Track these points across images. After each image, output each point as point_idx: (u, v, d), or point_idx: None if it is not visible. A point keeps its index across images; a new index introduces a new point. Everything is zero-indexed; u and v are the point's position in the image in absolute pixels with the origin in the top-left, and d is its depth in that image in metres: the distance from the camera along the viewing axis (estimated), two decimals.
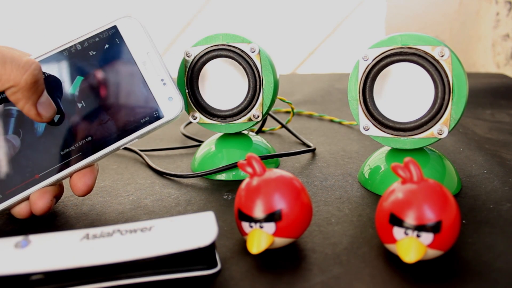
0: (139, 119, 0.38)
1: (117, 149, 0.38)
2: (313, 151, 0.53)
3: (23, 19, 1.19)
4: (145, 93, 0.39)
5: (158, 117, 0.39)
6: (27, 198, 0.36)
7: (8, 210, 0.36)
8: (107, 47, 0.38)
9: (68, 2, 1.20)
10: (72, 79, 0.38)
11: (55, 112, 0.36)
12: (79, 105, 0.38)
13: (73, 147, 0.37)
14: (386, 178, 0.41)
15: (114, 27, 0.39)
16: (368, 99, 0.40)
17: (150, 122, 0.39)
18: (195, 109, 0.46)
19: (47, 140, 0.37)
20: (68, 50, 0.38)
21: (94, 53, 0.38)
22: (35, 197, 0.36)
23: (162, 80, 0.39)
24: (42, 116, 0.35)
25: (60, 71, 0.38)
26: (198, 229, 0.28)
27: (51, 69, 0.37)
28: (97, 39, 0.38)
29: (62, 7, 1.19)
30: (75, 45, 0.38)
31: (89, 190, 0.37)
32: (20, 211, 0.36)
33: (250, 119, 0.45)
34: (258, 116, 0.45)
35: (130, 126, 0.38)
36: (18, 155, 0.36)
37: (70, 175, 0.37)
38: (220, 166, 0.45)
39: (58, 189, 0.37)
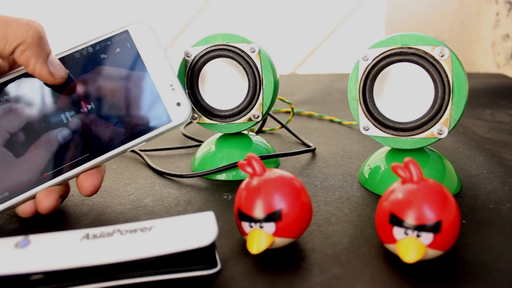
0: (147, 122, 0.39)
1: (124, 151, 0.39)
2: (313, 151, 0.53)
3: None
4: (154, 98, 0.39)
5: (166, 122, 0.39)
6: (33, 197, 0.36)
7: (13, 208, 0.37)
8: (118, 51, 0.39)
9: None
10: (82, 81, 0.38)
11: (66, 74, 0.36)
12: (89, 106, 0.38)
13: (81, 148, 0.37)
14: (386, 178, 0.41)
15: (126, 31, 0.39)
16: (368, 99, 0.40)
17: (158, 126, 0.39)
18: (195, 109, 0.46)
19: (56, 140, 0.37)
20: (80, 52, 0.38)
21: (105, 56, 0.39)
22: (41, 196, 0.36)
23: (171, 85, 0.39)
24: (54, 75, 0.35)
25: (72, 72, 0.38)
26: (198, 229, 0.28)
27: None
28: (108, 42, 0.39)
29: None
30: (87, 47, 0.38)
31: (95, 191, 0.38)
32: (25, 209, 0.36)
33: (250, 119, 0.45)
34: (258, 116, 0.45)
35: (138, 129, 0.39)
36: (27, 154, 0.36)
37: (77, 175, 0.38)
38: (220, 166, 0.45)
39: (64, 188, 0.38)
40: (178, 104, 0.39)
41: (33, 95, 0.37)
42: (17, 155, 0.36)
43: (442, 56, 0.37)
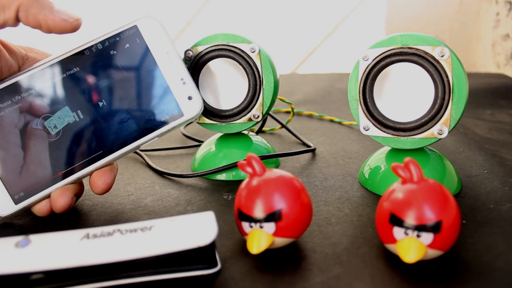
0: (159, 118, 0.39)
1: (137, 147, 0.39)
2: (313, 151, 0.53)
3: None
4: (165, 92, 0.39)
5: (178, 116, 0.39)
6: (48, 196, 0.37)
7: (29, 207, 0.37)
8: (127, 47, 0.39)
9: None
10: (93, 78, 0.38)
11: (79, 17, 0.36)
12: (100, 103, 0.38)
13: (94, 145, 0.38)
14: (386, 178, 0.41)
15: (135, 26, 0.39)
16: (368, 99, 0.40)
17: (170, 121, 0.39)
18: None
19: (69, 138, 0.37)
20: (89, 49, 0.38)
21: (115, 52, 0.39)
22: (56, 195, 0.36)
23: (182, 79, 0.40)
24: (68, 20, 0.35)
25: (81, 70, 0.38)
26: (198, 229, 0.28)
27: (73, 68, 0.38)
28: (117, 38, 0.39)
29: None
30: (96, 44, 0.38)
31: (108, 189, 0.38)
32: (41, 209, 0.37)
33: (250, 119, 0.45)
34: (258, 116, 0.45)
35: (150, 125, 0.39)
36: (41, 152, 0.37)
37: (91, 173, 0.38)
38: (220, 166, 0.45)
39: (79, 187, 0.38)
40: (190, 98, 0.39)
41: (44, 94, 0.37)
42: (31, 154, 0.36)
43: (442, 56, 0.37)
